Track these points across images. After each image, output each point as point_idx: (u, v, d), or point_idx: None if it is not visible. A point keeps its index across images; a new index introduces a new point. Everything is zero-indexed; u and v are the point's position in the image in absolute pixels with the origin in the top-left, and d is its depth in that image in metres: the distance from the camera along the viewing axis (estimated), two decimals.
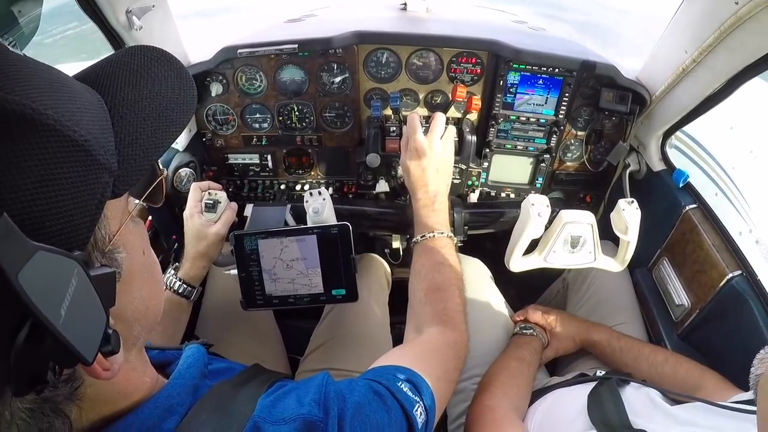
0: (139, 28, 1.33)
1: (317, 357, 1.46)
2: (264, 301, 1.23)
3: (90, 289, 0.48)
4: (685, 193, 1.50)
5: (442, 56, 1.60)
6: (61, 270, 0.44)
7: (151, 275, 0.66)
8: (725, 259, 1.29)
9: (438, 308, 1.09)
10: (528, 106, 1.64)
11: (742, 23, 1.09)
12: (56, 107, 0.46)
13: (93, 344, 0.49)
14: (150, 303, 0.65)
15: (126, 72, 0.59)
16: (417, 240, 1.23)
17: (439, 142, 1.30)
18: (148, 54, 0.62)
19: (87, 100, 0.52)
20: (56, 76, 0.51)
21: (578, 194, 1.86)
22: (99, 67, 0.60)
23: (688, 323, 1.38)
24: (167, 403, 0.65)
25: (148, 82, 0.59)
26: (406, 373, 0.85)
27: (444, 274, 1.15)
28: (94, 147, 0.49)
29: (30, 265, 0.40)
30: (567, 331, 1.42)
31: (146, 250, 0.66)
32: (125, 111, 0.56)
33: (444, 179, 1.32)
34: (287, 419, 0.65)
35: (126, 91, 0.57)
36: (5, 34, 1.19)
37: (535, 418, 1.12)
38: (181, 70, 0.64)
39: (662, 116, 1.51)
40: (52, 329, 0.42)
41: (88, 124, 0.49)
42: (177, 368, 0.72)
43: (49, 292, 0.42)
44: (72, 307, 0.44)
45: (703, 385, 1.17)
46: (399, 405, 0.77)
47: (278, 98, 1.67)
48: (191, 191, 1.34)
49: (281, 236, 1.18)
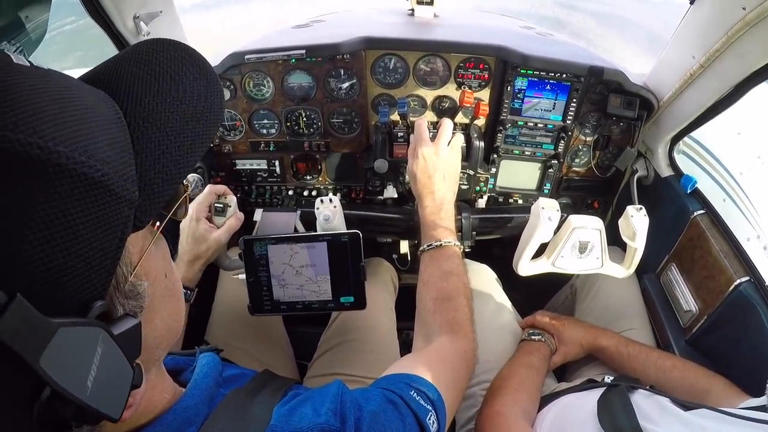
0: (146, 34, 1.34)
1: (325, 362, 1.47)
2: (272, 307, 1.23)
3: (116, 351, 0.44)
4: (692, 198, 1.49)
5: (449, 62, 1.60)
6: (85, 341, 0.41)
7: (173, 295, 0.63)
8: (733, 265, 1.28)
9: (447, 317, 1.09)
10: (536, 112, 1.64)
11: (750, 28, 1.09)
12: (68, 138, 0.40)
13: (120, 402, 0.47)
14: (173, 323, 0.63)
15: (146, 74, 0.52)
16: (424, 248, 1.24)
17: (447, 149, 1.31)
18: (170, 51, 0.55)
19: (103, 115, 0.46)
20: (66, 91, 0.44)
21: (586, 200, 1.86)
22: (114, 66, 0.53)
23: (696, 329, 1.37)
24: (185, 415, 0.65)
25: (172, 87, 0.52)
26: (418, 381, 0.85)
27: (452, 283, 1.15)
28: (113, 179, 0.43)
29: (52, 345, 0.37)
30: (575, 336, 1.42)
31: (168, 272, 0.61)
32: (147, 125, 0.49)
33: (451, 186, 1.32)
34: (304, 429, 0.65)
35: (147, 99, 0.50)
36: (12, 40, 1.20)
37: (544, 424, 1.12)
38: (207, 71, 0.57)
39: (670, 122, 1.51)
40: (78, 402, 0.40)
41: (105, 150, 0.43)
42: (193, 378, 0.73)
43: (74, 367, 0.39)
44: (98, 375, 0.41)
45: (711, 391, 1.16)
46: (412, 413, 0.77)
47: (286, 104, 1.67)
48: (206, 193, 1.29)
49: (291, 242, 1.18)
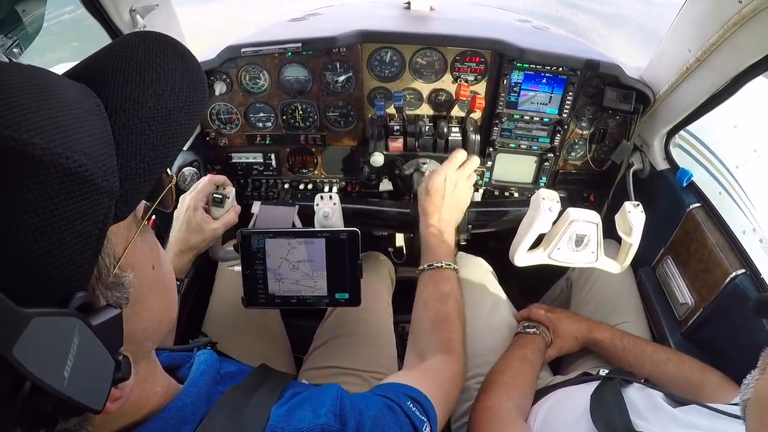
0: (142, 27, 1.34)
1: (320, 355, 1.47)
2: (266, 300, 1.23)
3: (95, 342, 0.44)
4: (688, 192, 1.50)
5: (445, 55, 1.60)
6: (60, 332, 0.40)
7: (164, 287, 0.62)
8: (729, 257, 1.29)
9: (443, 338, 1.13)
10: (532, 105, 1.64)
11: (746, 22, 1.09)
12: (45, 130, 0.40)
13: (101, 394, 0.46)
14: (162, 315, 0.62)
15: (127, 66, 0.52)
16: (424, 268, 1.26)
17: (467, 182, 1.40)
18: (155, 43, 0.55)
19: (83, 108, 0.46)
20: (44, 84, 0.44)
21: (582, 193, 1.86)
22: (98, 59, 0.53)
23: (691, 322, 1.38)
24: (181, 413, 0.64)
25: (153, 77, 0.52)
26: (414, 393, 0.87)
27: (449, 305, 1.19)
28: (92, 171, 0.43)
29: (25, 335, 0.37)
30: (570, 329, 1.42)
31: (156, 263, 0.60)
32: (127, 116, 0.49)
33: (456, 215, 1.38)
34: (304, 429, 0.65)
35: (127, 90, 0.50)
36: (9, 33, 1.19)
37: (538, 417, 1.12)
38: (190, 61, 0.57)
39: (666, 115, 1.52)
40: (56, 393, 0.40)
41: (85, 141, 0.43)
42: (190, 375, 0.72)
43: (50, 358, 0.39)
44: (76, 365, 0.41)
45: (705, 385, 1.17)
46: (410, 422, 0.78)
47: (282, 97, 1.67)
48: (205, 183, 1.28)
49: (289, 237, 1.18)
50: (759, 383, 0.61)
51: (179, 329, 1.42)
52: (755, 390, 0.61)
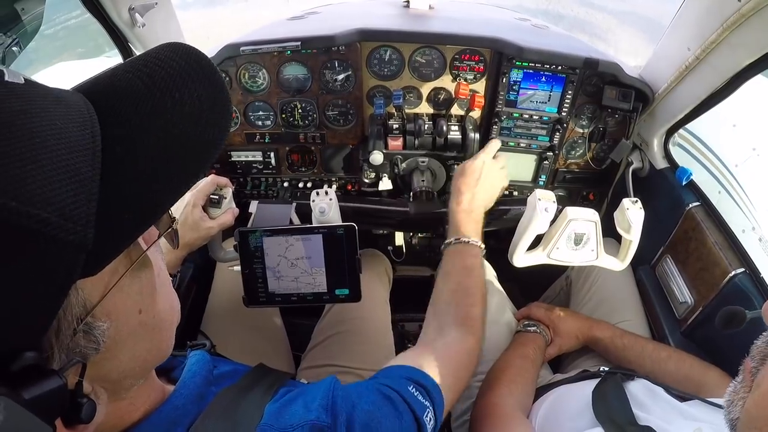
0: (141, 26, 1.34)
1: (318, 353, 1.47)
2: (266, 299, 1.23)
3: (25, 414, 0.37)
4: (688, 190, 1.50)
5: (444, 54, 1.59)
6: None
7: (153, 329, 0.56)
8: (728, 256, 1.29)
9: (462, 312, 1.09)
10: (531, 104, 1.64)
11: (746, 20, 1.09)
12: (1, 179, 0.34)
13: None
14: (149, 356, 0.58)
15: (143, 86, 0.45)
16: (451, 242, 1.24)
17: (501, 172, 1.49)
18: (180, 61, 0.48)
19: (66, 142, 0.39)
20: (14, 120, 0.37)
21: (581, 192, 1.86)
22: (114, 73, 0.47)
23: (691, 320, 1.38)
24: (172, 415, 0.63)
25: (168, 104, 0.45)
26: (420, 376, 0.85)
27: (472, 279, 1.16)
28: (54, 223, 0.37)
29: None
30: (570, 328, 1.42)
31: (145, 307, 0.54)
32: (124, 151, 0.42)
33: (487, 199, 1.39)
34: (295, 426, 0.64)
35: (135, 119, 0.44)
36: (8, 32, 1.19)
37: (538, 414, 1.12)
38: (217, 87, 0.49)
39: (665, 114, 1.51)
40: None
41: (51, 187, 0.37)
42: (182, 377, 0.71)
43: None
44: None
45: (706, 382, 1.17)
46: (410, 410, 0.76)
47: (281, 96, 1.66)
48: (208, 182, 1.28)
49: (287, 234, 1.18)
50: (748, 402, 0.59)
51: (178, 329, 1.41)
52: (745, 411, 0.59)
